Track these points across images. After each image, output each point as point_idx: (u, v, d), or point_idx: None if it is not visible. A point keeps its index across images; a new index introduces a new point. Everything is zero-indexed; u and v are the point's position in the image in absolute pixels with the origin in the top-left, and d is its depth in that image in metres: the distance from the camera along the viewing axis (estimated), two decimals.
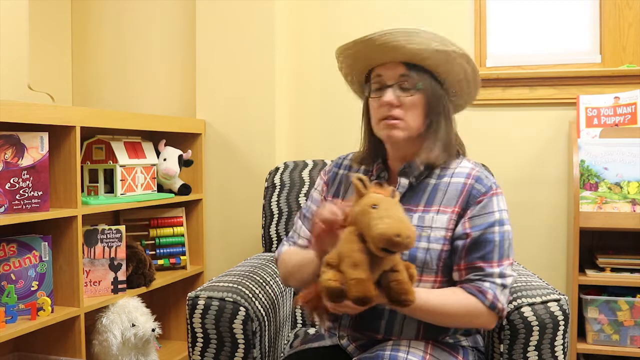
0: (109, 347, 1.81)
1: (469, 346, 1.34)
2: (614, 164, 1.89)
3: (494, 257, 1.22)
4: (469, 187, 1.26)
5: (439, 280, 1.25)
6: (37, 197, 1.66)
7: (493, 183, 1.28)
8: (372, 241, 1.05)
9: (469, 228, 1.23)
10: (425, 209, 1.27)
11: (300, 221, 1.47)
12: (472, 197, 1.25)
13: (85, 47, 2.67)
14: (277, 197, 2.02)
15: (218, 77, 2.36)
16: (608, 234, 2.06)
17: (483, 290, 1.21)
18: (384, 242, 1.03)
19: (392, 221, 1.05)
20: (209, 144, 2.38)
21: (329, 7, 2.36)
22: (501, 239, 1.24)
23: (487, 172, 1.31)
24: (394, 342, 1.25)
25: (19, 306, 1.65)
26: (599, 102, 2.03)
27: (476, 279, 1.22)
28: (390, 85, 1.26)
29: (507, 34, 2.29)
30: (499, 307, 1.21)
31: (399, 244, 1.03)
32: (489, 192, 1.26)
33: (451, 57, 1.25)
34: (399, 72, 1.26)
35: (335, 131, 2.34)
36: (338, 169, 1.45)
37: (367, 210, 1.08)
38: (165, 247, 2.25)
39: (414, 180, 1.30)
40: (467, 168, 1.31)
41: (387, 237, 1.02)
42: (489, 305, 1.20)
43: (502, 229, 1.24)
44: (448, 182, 1.29)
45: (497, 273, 1.22)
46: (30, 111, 1.63)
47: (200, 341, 1.47)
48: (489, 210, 1.24)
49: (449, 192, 1.27)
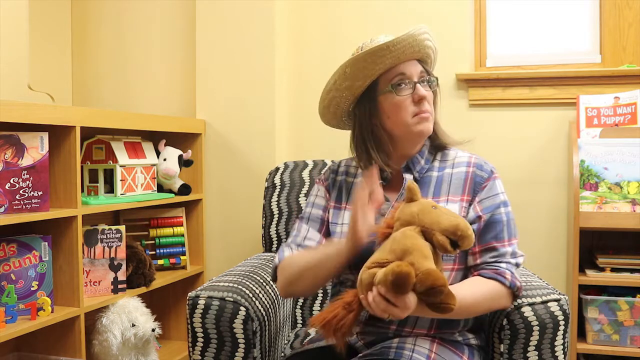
0: (109, 347, 1.81)
1: (476, 345, 1.34)
2: (614, 164, 1.89)
3: (504, 236, 1.29)
4: (472, 175, 1.33)
5: (456, 268, 1.29)
6: (37, 197, 1.66)
7: (492, 168, 1.36)
8: (445, 233, 1.08)
9: (480, 211, 1.30)
10: (433, 199, 1.31)
11: (304, 224, 1.43)
12: (477, 184, 1.32)
13: (85, 47, 2.67)
14: (277, 197, 2.02)
15: (218, 77, 2.36)
16: (608, 234, 2.06)
17: (501, 272, 1.25)
18: (458, 232, 1.07)
19: (460, 219, 1.10)
20: (209, 144, 2.38)
21: (329, 7, 2.36)
22: (508, 219, 1.31)
23: (484, 159, 1.39)
24: (400, 339, 1.25)
25: (19, 306, 1.65)
26: (599, 102, 2.03)
27: (492, 261, 1.27)
28: (418, 82, 1.31)
29: (507, 34, 2.29)
30: (518, 286, 1.27)
31: (469, 238, 1.08)
32: (490, 176, 1.34)
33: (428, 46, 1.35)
34: (419, 69, 1.33)
35: (335, 131, 2.32)
36: (335, 175, 1.46)
37: (430, 210, 1.12)
38: (165, 247, 2.25)
39: (418, 174, 1.34)
40: (465, 157, 1.38)
41: (461, 228, 1.07)
42: (509, 285, 1.25)
43: (507, 209, 1.32)
44: (451, 173, 1.35)
45: (509, 252, 1.28)
46: (30, 111, 1.63)
47: (201, 341, 1.47)
48: (495, 192, 1.32)
49: (453, 182, 1.33)
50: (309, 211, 1.44)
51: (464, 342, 1.31)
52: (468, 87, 2.23)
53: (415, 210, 1.13)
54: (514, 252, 1.29)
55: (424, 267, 1.02)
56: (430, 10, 2.25)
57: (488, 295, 1.24)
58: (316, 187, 1.47)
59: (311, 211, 1.44)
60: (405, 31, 1.27)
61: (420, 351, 1.21)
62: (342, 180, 1.44)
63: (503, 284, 1.25)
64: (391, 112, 1.32)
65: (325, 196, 1.44)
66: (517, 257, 1.30)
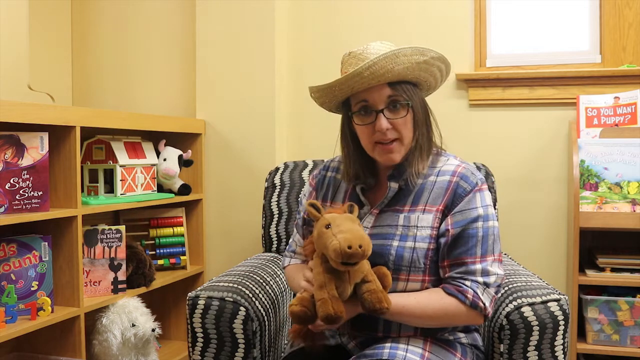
0: (109, 347, 1.81)
1: (467, 344, 1.34)
2: (614, 164, 1.89)
3: (476, 252, 1.22)
4: (454, 185, 1.26)
5: (427, 279, 1.26)
6: (37, 197, 1.66)
7: (479, 179, 1.28)
8: (331, 259, 1.13)
9: (450, 224, 1.24)
10: (411, 208, 1.28)
11: (295, 230, 1.51)
12: (457, 196, 1.25)
13: (85, 47, 2.67)
14: (277, 197, 2.02)
15: (218, 77, 2.36)
16: (608, 234, 2.06)
17: (463, 290, 1.21)
18: (340, 256, 1.10)
19: (343, 235, 1.12)
20: (209, 144, 2.38)
21: (329, 7, 2.36)
22: (485, 234, 1.23)
23: (473, 169, 1.30)
24: (393, 339, 1.26)
25: (19, 306, 1.65)
26: (599, 102, 2.03)
27: (458, 277, 1.22)
28: (380, 110, 1.24)
29: (507, 34, 2.29)
30: (481, 306, 1.21)
31: (353, 255, 1.10)
32: (473, 188, 1.26)
33: (430, 63, 1.26)
34: (385, 94, 1.24)
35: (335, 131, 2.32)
36: (326, 171, 1.46)
37: (322, 232, 1.16)
38: (165, 247, 2.25)
39: (403, 183, 1.29)
40: (452, 166, 1.30)
41: (340, 251, 1.10)
42: (469, 305, 1.20)
43: (487, 225, 1.24)
44: (434, 181, 1.29)
45: (479, 270, 1.22)
46: (30, 111, 1.63)
47: (201, 341, 1.47)
48: (472, 206, 1.24)
49: (434, 191, 1.28)
50: (300, 212, 1.49)
51: (455, 341, 1.32)
52: (468, 87, 2.23)
53: (315, 235, 1.19)
54: (484, 270, 1.22)
55: (317, 298, 1.14)
56: (430, 11, 2.25)
57: (442, 310, 1.21)
58: (305, 187, 1.50)
59: (301, 215, 1.47)
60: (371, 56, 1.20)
61: (414, 350, 1.22)
62: (331, 177, 1.44)
63: (463, 303, 1.20)
64: (359, 135, 1.31)
65: (310, 197, 1.45)
66: (489, 275, 1.22)
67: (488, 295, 1.22)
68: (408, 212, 1.28)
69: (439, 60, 1.27)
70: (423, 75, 1.28)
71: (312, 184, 1.47)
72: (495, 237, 1.25)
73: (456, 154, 1.39)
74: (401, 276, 1.24)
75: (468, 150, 2.16)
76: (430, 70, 1.28)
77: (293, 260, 1.49)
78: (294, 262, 1.49)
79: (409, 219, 1.27)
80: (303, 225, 1.46)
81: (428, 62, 1.25)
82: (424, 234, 1.25)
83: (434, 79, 1.32)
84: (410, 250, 1.24)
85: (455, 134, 2.17)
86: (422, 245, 1.25)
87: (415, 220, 1.26)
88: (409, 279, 1.25)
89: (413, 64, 1.23)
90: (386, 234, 1.27)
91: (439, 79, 1.33)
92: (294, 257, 1.50)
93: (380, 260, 1.24)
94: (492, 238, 1.24)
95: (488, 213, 1.25)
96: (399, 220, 1.27)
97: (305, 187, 1.50)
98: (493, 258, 1.24)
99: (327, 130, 2.50)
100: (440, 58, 1.27)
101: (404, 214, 1.28)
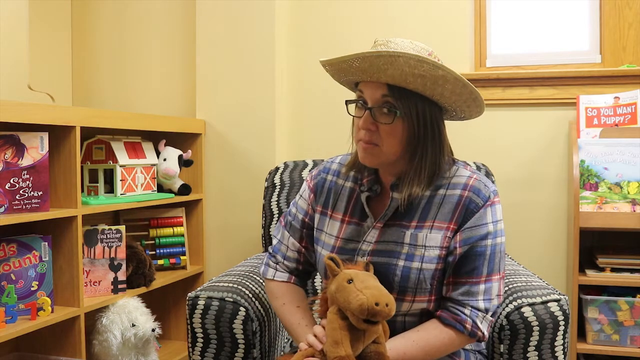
0: (109, 347, 1.81)
1: (471, 349, 1.34)
2: (614, 164, 1.89)
3: (482, 271, 1.17)
4: (465, 201, 1.18)
5: (433, 299, 1.20)
6: (37, 197, 1.66)
7: (492, 192, 1.20)
8: (353, 314, 1.07)
9: (458, 242, 1.17)
10: (418, 224, 1.20)
11: (286, 231, 1.39)
12: (469, 212, 1.18)
13: (85, 47, 2.67)
14: (277, 197, 2.02)
15: (218, 77, 2.36)
16: (608, 234, 2.06)
17: (461, 320, 1.17)
18: (365, 312, 1.05)
19: (370, 292, 1.07)
20: (209, 144, 2.38)
21: (329, 7, 2.36)
22: (492, 252, 1.18)
23: (485, 180, 1.22)
24: None
25: (19, 306, 1.65)
26: (599, 102, 2.03)
27: (459, 300, 1.18)
28: (370, 108, 1.16)
29: (507, 34, 2.29)
30: (479, 335, 1.18)
31: (379, 313, 1.05)
32: (485, 203, 1.18)
33: (439, 83, 1.12)
34: (380, 92, 1.14)
35: (335, 131, 2.34)
36: (327, 174, 1.36)
37: (343, 286, 1.10)
38: (165, 247, 2.25)
39: (407, 197, 1.19)
40: (464, 177, 1.21)
41: (366, 307, 1.05)
42: (468, 334, 1.17)
43: (495, 242, 1.19)
44: (444, 195, 1.20)
45: (482, 291, 1.17)
46: (30, 111, 1.63)
47: (200, 341, 1.47)
48: (482, 222, 1.18)
49: (444, 206, 1.19)
50: (293, 212, 1.40)
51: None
52: None
53: (333, 289, 1.13)
54: (487, 291, 1.17)
55: (332, 355, 1.07)
56: (430, 10, 2.24)
57: (442, 346, 1.17)
58: (303, 186, 1.40)
59: (295, 213, 1.39)
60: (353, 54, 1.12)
61: None
62: (332, 181, 1.34)
63: (462, 332, 1.17)
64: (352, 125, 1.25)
65: (308, 199, 1.37)
66: (491, 299, 1.17)
67: (486, 322, 1.18)
68: (415, 228, 1.19)
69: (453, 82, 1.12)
70: (432, 92, 1.14)
71: (310, 186, 1.37)
72: (502, 254, 1.20)
73: (456, 154, 1.32)
74: (407, 297, 1.18)
75: (468, 150, 2.16)
76: (443, 91, 1.14)
77: (279, 274, 1.38)
78: (280, 275, 1.38)
79: (416, 237, 1.19)
80: (302, 228, 1.37)
81: (437, 79, 1.11)
82: (432, 255, 1.18)
83: (453, 102, 1.17)
84: (417, 271, 1.17)
85: (455, 134, 2.16)
86: (429, 266, 1.18)
87: (423, 239, 1.18)
88: (415, 300, 1.19)
89: (413, 74, 1.10)
90: (391, 252, 1.20)
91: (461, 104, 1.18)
92: (280, 268, 1.39)
93: (385, 280, 1.16)
94: (499, 256, 1.19)
95: (497, 229, 1.19)
96: (405, 238, 1.19)
97: (302, 186, 1.41)
98: (499, 276, 1.19)
99: (327, 130, 2.51)
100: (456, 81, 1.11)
101: (411, 230, 1.19)
